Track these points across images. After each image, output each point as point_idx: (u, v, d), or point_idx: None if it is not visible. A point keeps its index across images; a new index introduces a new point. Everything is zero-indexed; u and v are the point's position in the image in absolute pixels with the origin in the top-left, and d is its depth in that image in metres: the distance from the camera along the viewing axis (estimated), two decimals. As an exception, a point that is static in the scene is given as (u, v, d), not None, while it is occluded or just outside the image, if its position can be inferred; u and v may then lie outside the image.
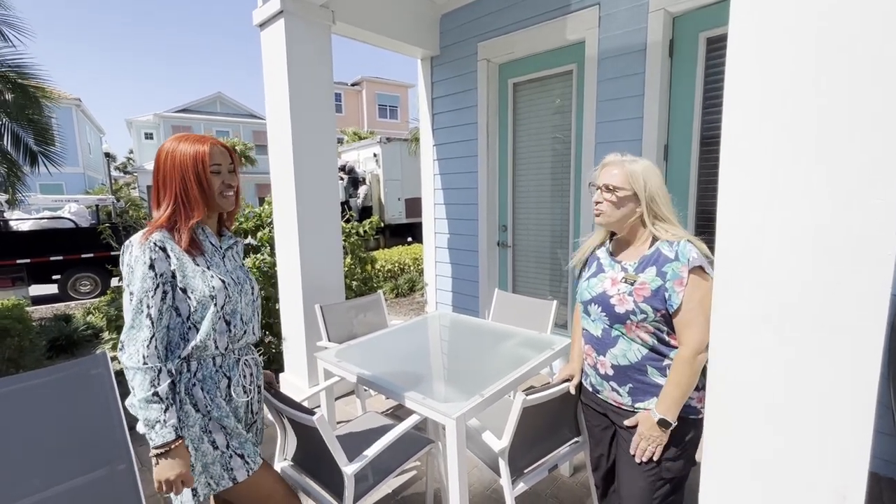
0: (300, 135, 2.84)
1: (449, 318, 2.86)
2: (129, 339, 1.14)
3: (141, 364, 1.12)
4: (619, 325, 1.34)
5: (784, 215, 0.79)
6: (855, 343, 0.74)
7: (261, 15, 2.83)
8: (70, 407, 1.81)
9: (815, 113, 0.75)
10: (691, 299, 1.23)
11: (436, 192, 4.08)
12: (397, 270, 8.01)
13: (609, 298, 1.35)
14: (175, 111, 23.30)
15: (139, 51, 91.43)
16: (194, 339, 1.22)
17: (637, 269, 1.34)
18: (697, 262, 1.24)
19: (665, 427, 1.26)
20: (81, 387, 1.88)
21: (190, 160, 1.21)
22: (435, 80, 3.89)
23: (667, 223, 1.34)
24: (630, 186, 1.33)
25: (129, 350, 1.14)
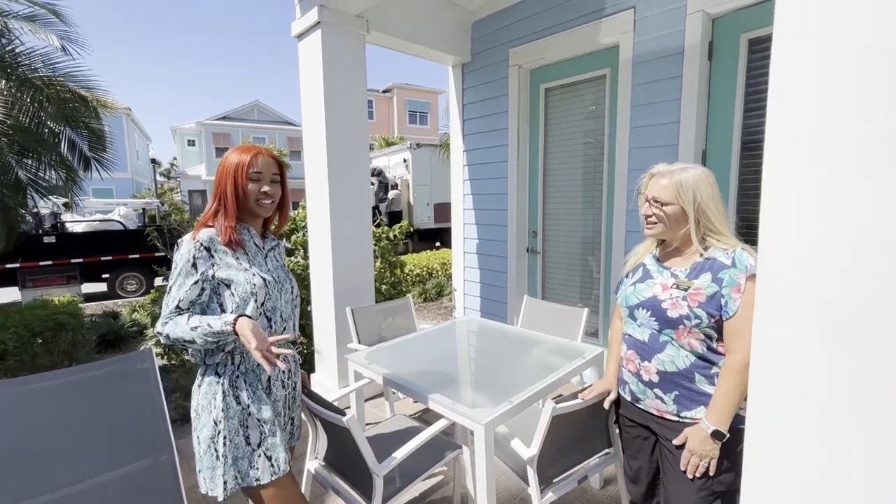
0: (334, 141, 2.92)
1: (477, 324, 2.85)
2: (159, 321, 1.28)
3: (164, 331, 1.25)
4: (669, 331, 1.31)
5: (833, 222, 0.76)
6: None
7: (299, 26, 2.93)
8: (118, 399, 1.91)
9: (862, 115, 0.72)
10: (747, 306, 1.19)
11: (465, 197, 4.10)
12: (425, 275, 8.06)
13: (661, 303, 1.32)
14: (215, 119, 24.35)
15: (186, 60, 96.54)
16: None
17: (689, 275, 1.31)
18: (755, 269, 1.21)
19: (718, 439, 1.22)
20: (128, 380, 1.99)
21: (233, 167, 1.31)
22: (466, 86, 3.92)
23: (718, 235, 1.30)
24: (678, 201, 1.30)
25: (159, 327, 1.27)
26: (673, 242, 1.39)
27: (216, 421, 1.27)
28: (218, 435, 1.27)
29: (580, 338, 2.43)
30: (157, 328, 1.27)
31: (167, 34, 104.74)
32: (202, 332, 1.20)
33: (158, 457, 1.84)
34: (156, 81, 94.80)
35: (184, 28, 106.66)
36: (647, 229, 1.41)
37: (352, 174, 3.04)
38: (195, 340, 1.21)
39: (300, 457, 2.10)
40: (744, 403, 1.22)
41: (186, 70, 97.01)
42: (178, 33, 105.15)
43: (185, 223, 5.22)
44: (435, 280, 7.63)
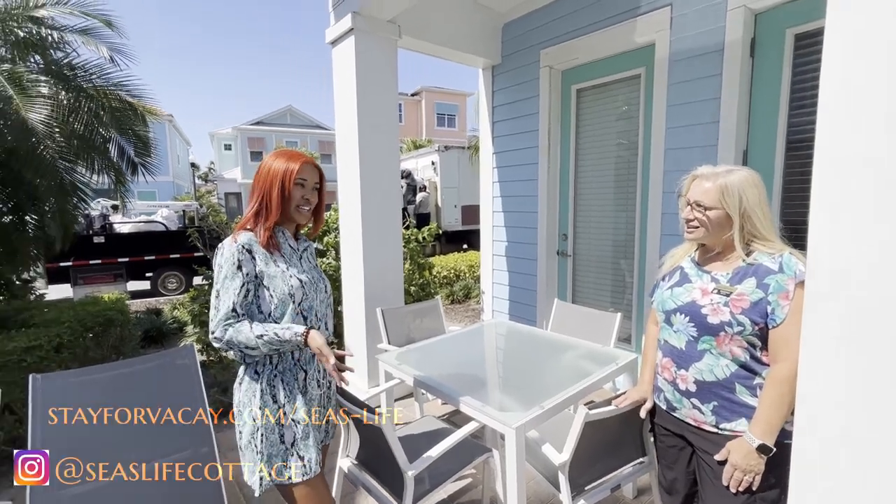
0: (366, 145, 2.97)
1: (506, 327, 2.84)
2: (213, 323, 1.28)
3: (225, 336, 1.26)
4: (708, 338, 1.26)
5: (888, 225, 0.72)
6: None
7: (333, 33, 3.01)
8: (162, 392, 2.01)
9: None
10: (796, 313, 1.14)
11: (494, 199, 4.09)
12: (453, 277, 8.07)
13: (700, 308, 1.28)
14: (251, 124, 25.19)
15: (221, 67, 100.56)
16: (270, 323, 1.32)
17: (731, 280, 1.26)
18: (805, 275, 1.16)
19: (765, 454, 1.16)
20: (171, 375, 2.08)
21: (281, 172, 1.35)
22: (496, 88, 3.91)
23: (764, 241, 1.25)
24: (722, 206, 1.25)
25: (217, 332, 1.27)
26: (714, 247, 1.34)
27: (254, 418, 1.32)
28: (256, 431, 1.32)
29: (613, 343, 2.38)
30: (213, 332, 1.28)
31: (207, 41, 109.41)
32: (267, 341, 1.25)
33: (199, 448, 1.92)
34: (195, 88, 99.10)
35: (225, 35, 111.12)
36: (687, 234, 1.36)
37: (383, 177, 3.09)
38: (259, 348, 1.25)
39: (332, 454, 2.14)
40: (790, 417, 1.17)
41: (223, 76, 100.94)
42: (218, 40, 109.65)
43: (223, 225, 5.43)
44: (462, 282, 7.63)
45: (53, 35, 3.19)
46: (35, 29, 3.09)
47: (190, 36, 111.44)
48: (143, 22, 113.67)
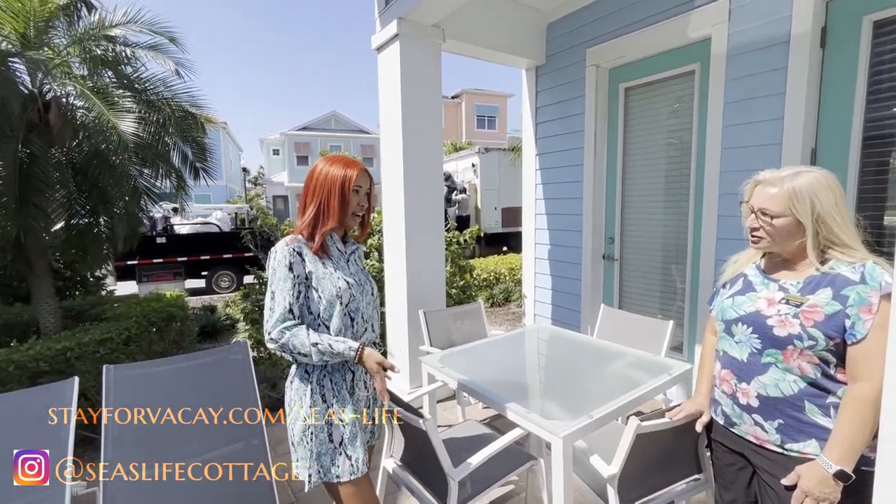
0: (410, 149, 3.01)
1: (549, 332, 2.78)
2: (269, 324, 1.32)
3: (281, 339, 1.29)
4: (774, 351, 1.18)
5: None
6: None
7: (378, 39, 3.07)
8: (217, 385, 2.11)
9: None
10: (880, 328, 1.04)
11: (537, 202, 4.02)
12: (493, 280, 8.02)
13: (765, 319, 1.19)
14: (297, 129, 26.21)
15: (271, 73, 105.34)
16: (325, 334, 1.35)
17: (803, 290, 1.16)
18: (891, 287, 1.05)
19: (843, 481, 1.06)
20: (226, 369, 2.19)
21: (339, 179, 1.39)
22: (539, 89, 3.86)
23: (843, 248, 1.14)
24: (791, 212, 1.15)
25: (273, 334, 1.31)
26: (783, 253, 1.24)
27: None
28: (307, 430, 1.36)
29: (664, 352, 2.27)
30: (270, 332, 1.30)
31: (261, 48, 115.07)
32: (321, 350, 1.29)
33: (251, 441, 2.01)
34: (248, 94, 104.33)
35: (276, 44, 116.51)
36: (752, 243, 1.27)
37: (426, 181, 3.11)
38: (311, 355, 1.30)
39: (377, 453, 2.17)
40: (871, 441, 1.06)
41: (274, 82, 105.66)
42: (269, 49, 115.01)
43: (272, 227, 5.68)
44: (502, 285, 7.56)
45: (126, 52, 3.45)
46: (111, 47, 3.36)
47: (244, 52, 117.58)
48: (204, 37, 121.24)
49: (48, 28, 3.07)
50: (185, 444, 1.88)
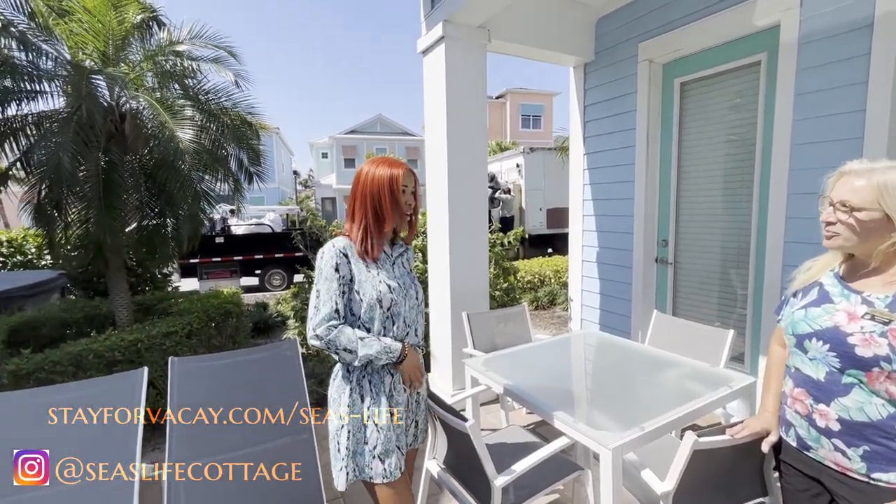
0: (454, 151, 3.01)
1: (597, 338, 2.68)
2: (314, 322, 1.34)
3: (326, 337, 1.32)
4: (856, 372, 1.06)
5: None
6: None
7: (424, 43, 3.09)
8: (269, 380, 2.20)
9: None
10: None
11: (585, 202, 3.90)
12: (537, 282, 7.87)
13: (845, 337, 1.07)
14: (345, 133, 27.02)
15: (325, 78, 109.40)
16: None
17: (893, 304, 1.04)
18: None
19: None
20: (277, 365, 2.28)
21: (386, 180, 1.39)
22: (588, 86, 3.74)
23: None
24: (878, 206, 1.03)
25: (319, 331, 1.33)
26: (868, 260, 1.11)
27: (342, 415, 1.38)
28: (342, 429, 1.38)
29: (723, 363, 2.13)
30: (315, 330, 1.32)
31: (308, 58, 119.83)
32: (367, 343, 1.33)
33: (299, 435, 2.08)
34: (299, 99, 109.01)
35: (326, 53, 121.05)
36: (825, 240, 1.15)
37: (470, 183, 3.10)
38: (356, 352, 1.32)
39: (421, 453, 2.18)
40: None
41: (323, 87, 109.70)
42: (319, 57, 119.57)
43: (321, 228, 5.91)
44: (547, 288, 7.41)
45: (192, 65, 3.70)
46: (178, 61, 3.61)
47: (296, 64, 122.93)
48: (263, 48, 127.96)
49: (124, 45, 3.35)
50: (238, 439, 1.97)
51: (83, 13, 3.08)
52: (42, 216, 3.14)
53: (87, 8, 3.07)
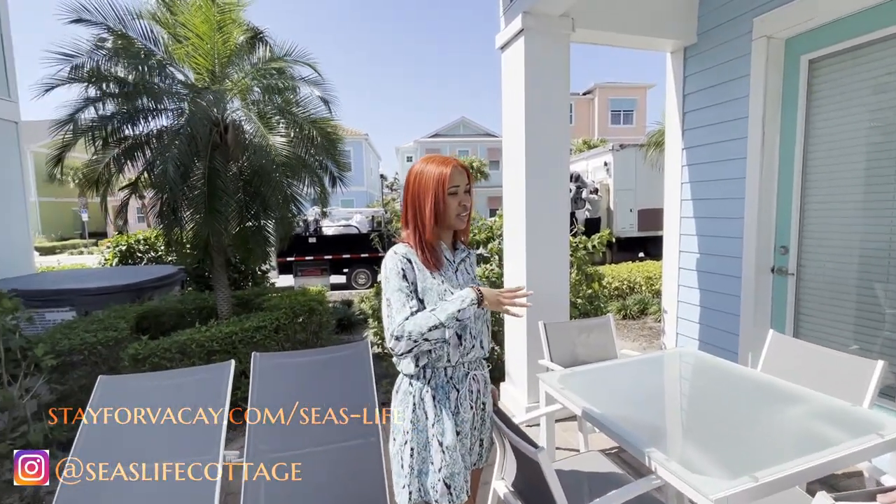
0: (533, 150, 2.84)
1: (696, 358, 2.34)
2: (391, 329, 1.23)
3: (404, 331, 1.20)
4: None
5: None
6: None
7: (503, 38, 2.97)
8: (341, 380, 2.23)
9: None
10: None
11: (683, 203, 3.48)
12: (626, 289, 7.30)
13: None
14: (429, 136, 27.71)
15: (412, 85, 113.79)
16: (433, 348, 1.29)
17: None
18: None
19: None
20: (350, 365, 2.30)
21: (433, 182, 1.29)
22: (688, 73, 3.32)
23: None
24: None
25: (395, 333, 1.22)
26: None
27: (405, 430, 1.31)
28: (406, 444, 1.30)
29: (868, 402, 1.71)
30: (392, 335, 1.22)
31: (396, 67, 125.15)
32: (444, 309, 1.21)
33: (368, 438, 2.07)
34: (387, 107, 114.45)
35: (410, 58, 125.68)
36: None
37: (550, 184, 2.91)
38: (440, 323, 1.18)
39: (489, 466, 2.07)
40: None
41: (413, 93, 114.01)
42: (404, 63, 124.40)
43: (398, 230, 6.06)
44: (637, 296, 6.83)
45: (286, 83, 3.98)
46: (274, 77, 3.90)
47: (385, 75, 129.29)
48: (357, 56, 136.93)
49: (228, 63, 3.69)
50: (310, 438, 2.01)
51: (195, 37, 3.44)
52: (162, 218, 3.56)
53: (197, 33, 3.42)
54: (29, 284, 4.67)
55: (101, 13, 3.17)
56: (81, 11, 3.10)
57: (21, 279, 5.05)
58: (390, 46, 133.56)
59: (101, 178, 3.48)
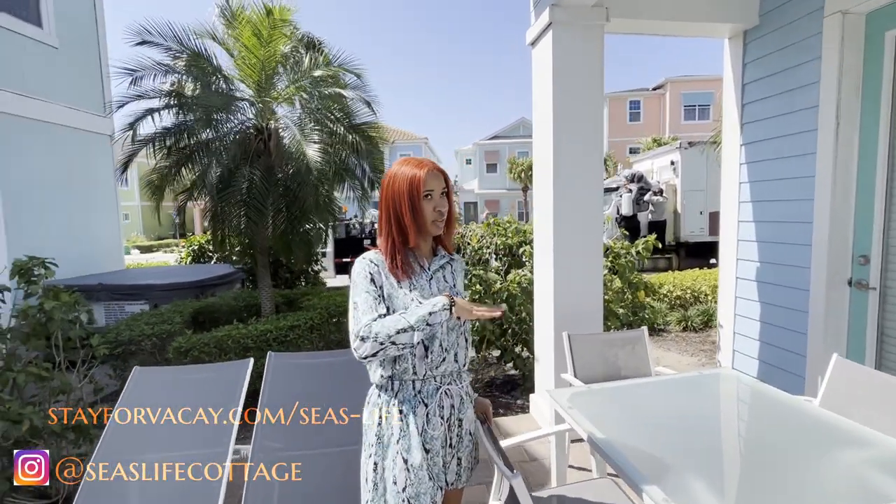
0: (561, 150, 2.67)
1: (741, 383, 2.04)
2: (355, 329, 1.17)
3: (371, 332, 1.13)
4: None
5: None
6: None
7: (532, 33, 2.83)
8: (350, 384, 2.22)
9: None
10: None
11: (741, 205, 3.10)
12: (689, 298, 6.70)
13: None
14: (488, 139, 27.58)
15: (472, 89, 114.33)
16: (398, 358, 1.22)
17: None
18: None
19: None
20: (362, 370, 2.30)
21: (406, 185, 1.21)
22: (748, 60, 2.96)
23: None
24: None
25: (361, 332, 1.15)
26: None
27: (371, 444, 1.25)
28: (370, 458, 1.24)
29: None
30: (356, 335, 1.15)
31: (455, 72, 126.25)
32: (414, 311, 1.15)
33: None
34: (447, 112, 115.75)
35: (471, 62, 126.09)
36: None
37: (581, 187, 2.72)
38: (409, 326, 1.12)
39: (485, 483, 1.95)
40: None
41: (474, 97, 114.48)
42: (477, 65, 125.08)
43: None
44: (702, 306, 6.24)
45: (331, 90, 4.12)
46: (317, 85, 4.04)
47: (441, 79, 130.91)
48: (416, 61, 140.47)
49: (273, 74, 3.89)
50: (325, 434, 2.02)
51: (243, 50, 3.66)
52: (213, 221, 3.83)
53: (246, 45, 3.64)
54: (114, 280, 5.26)
55: (162, 35, 3.48)
56: (144, 34, 3.43)
57: (109, 275, 5.70)
58: (465, 52, 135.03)
59: (163, 183, 3.82)
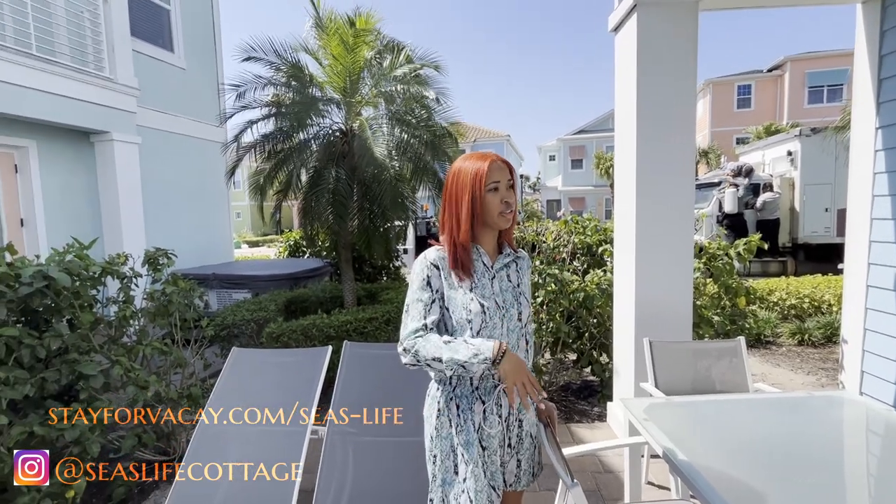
0: (645, 142, 2.47)
1: (878, 414, 1.72)
2: (401, 337, 1.21)
3: (413, 348, 1.17)
4: None
5: None
6: None
7: (615, 18, 2.65)
8: (412, 377, 2.26)
9: None
10: None
11: (875, 200, 2.62)
12: (808, 308, 5.83)
13: None
14: (573, 133, 26.48)
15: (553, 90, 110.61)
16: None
17: None
18: None
19: None
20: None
21: (470, 178, 1.21)
22: (887, 27, 2.48)
23: None
24: None
25: (406, 344, 1.19)
26: None
27: (431, 437, 1.26)
28: (430, 452, 1.26)
29: None
30: (401, 344, 1.20)
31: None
32: (452, 348, 1.13)
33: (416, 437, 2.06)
34: (531, 109, 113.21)
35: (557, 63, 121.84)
36: None
37: (668, 181, 2.50)
38: (443, 359, 1.13)
39: (553, 490, 1.87)
40: None
41: (558, 95, 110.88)
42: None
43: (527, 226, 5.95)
44: (825, 317, 5.40)
45: (412, 91, 4.25)
46: (399, 86, 4.19)
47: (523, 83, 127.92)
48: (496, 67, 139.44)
49: (358, 79, 4.10)
50: (384, 424, 2.10)
51: (331, 59, 3.93)
52: (304, 217, 4.16)
53: (333, 55, 3.89)
54: (225, 270, 5.98)
55: (263, 50, 3.86)
56: (250, 51, 3.83)
57: (221, 266, 6.49)
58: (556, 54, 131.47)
59: (264, 184, 4.24)
